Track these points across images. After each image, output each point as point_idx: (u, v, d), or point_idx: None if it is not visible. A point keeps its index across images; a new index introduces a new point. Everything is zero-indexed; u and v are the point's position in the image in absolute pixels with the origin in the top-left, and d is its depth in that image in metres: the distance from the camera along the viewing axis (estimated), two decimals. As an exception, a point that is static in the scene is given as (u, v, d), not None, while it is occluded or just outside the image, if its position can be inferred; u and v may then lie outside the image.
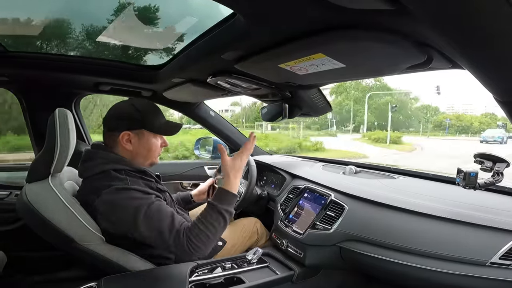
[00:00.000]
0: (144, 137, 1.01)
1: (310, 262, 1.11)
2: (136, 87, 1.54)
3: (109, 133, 1.01)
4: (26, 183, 0.95)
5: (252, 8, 0.62)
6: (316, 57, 0.74)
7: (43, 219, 0.89)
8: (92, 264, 0.95)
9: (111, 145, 1.01)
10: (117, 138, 0.99)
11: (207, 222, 0.88)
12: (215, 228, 0.89)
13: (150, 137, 1.02)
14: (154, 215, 0.89)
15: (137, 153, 1.01)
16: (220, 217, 0.90)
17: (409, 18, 0.50)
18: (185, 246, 0.85)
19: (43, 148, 0.94)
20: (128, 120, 0.99)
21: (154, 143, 1.03)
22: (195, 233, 0.87)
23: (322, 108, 1.34)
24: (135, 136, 1.00)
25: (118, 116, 1.00)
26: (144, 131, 1.00)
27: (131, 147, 1.00)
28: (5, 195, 1.49)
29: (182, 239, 0.86)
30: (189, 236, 0.86)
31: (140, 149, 1.01)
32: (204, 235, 0.87)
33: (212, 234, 0.88)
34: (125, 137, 0.98)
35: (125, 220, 0.89)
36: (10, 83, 1.45)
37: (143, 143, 1.01)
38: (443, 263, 0.83)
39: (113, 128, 0.99)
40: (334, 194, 1.18)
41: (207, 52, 0.96)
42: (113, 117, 1.00)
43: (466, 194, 0.97)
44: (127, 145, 0.99)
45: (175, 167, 1.92)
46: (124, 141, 0.99)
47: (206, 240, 0.87)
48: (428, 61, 0.69)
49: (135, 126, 0.99)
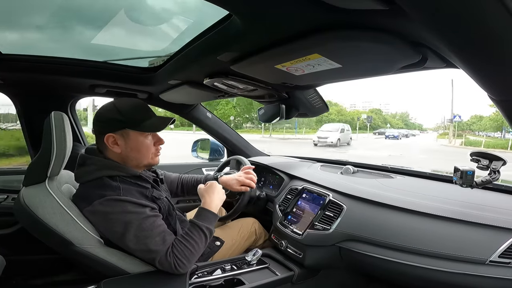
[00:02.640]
0: (130, 137, 0.96)
1: (310, 263, 1.11)
2: (132, 89, 1.53)
3: (98, 137, 0.98)
4: (23, 187, 0.94)
5: (247, 9, 0.62)
6: (312, 57, 0.74)
7: (41, 223, 0.88)
8: (91, 267, 0.94)
9: (102, 149, 0.99)
10: (104, 142, 0.96)
11: (190, 239, 0.93)
12: (197, 244, 0.93)
13: (136, 136, 0.97)
14: (144, 233, 0.89)
15: (127, 156, 0.97)
16: (201, 234, 0.95)
17: (404, 18, 0.50)
18: (172, 265, 0.89)
19: (40, 151, 0.93)
20: (109, 121, 0.95)
21: (143, 142, 0.98)
22: (180, 249, 0.91)
23: (319, 108, 1.34)
24: (120, 138, 0.96)
25: (100, 119, 0.97)
26: (129, 131, 0.96)
27: (119, 150, 0.96)
28: (2, 199, 1.48)
29: (170, 259, 0.89)
30: (175, 253, 0.90)
31: (128, 150, 0.97)
32: (188, 251, 0.91)
33: (195, 250, 0.93)
34: (110, 139, 0.95)
35: (115, 232, 0.89)
36: (5, 87, 1.44)
37: (130, 144, 0.97)
38: (442, 262, 0.83)
39: (98, 131, 0.97)
40: (332, 194, 1.18)
41: (203, 53, 0.96)
42: (96, 120, 0.98)
43: (464, 192, 0.97)
44: (115, 148, 0.96)
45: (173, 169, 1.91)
46: (110, 143, 0.95)
47: (190, 255, 0.91)
48: (423, 60, 0.70)
49: (116, 126, 0.95)
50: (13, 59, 1.21)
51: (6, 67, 1.22)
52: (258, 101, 1.47)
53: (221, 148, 2.03)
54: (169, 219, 1.02)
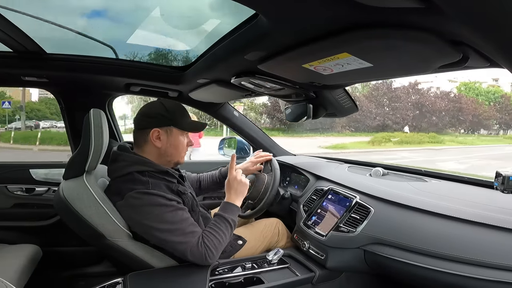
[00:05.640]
0: (173, 134, 1.05)
1: (332, 265, 1.09)
2: (164, 88, 1.59)
3: (139, 132, 1.05)
4: (63, 180, 1.01)
5: (274, 8, 0.61)
6: (341, 56, 0.72)
7: (77, 215, 0.94)
8: (120, 260, 0.99)
9: (141, 143, 1.05)
10: (147, 136, 1.03)
11: (218, 229, 1.00)
12: (224, 234, 1.00)
13: (178, 134, 1.06)
14: (174, 226, 0.94)
15: (165, 151, 1.05)
16: (227, 224, 1.02)
17: (441, 16, 0.47)
18: (203, 255, 0.94)
19: (79, 146, 1.00)
20: (158, 118, 1.03)
21: (181, 141, 1.08)
22: (210, 239, 0.97)
23: (348, 108, 1.31)
24: (164, 133, 1.04)
25: (148, 115, 1.05)
26: (173, 129, 1.05)
27: (160, 144, 1.04)
28: (44, 191, 1.60)
29: (201, 249, 0.94)
30: (206, 242, 0.96)
31: (168, 146, 1.05)
32: (216, 241, 0.97)
33: (222, 239, 0.99)
34: (155, 134, 1.03)
35: (145, 225, 0.94)
36: (50, 85, 1.56)
37: (171, 140, 1.05)
38: (479, 269, 0.78)
39: (144, 126, 1.04)
40: (359, 196, 1.14)
41: (231, 52, 0.97)
42: (144, 116, 1.05)
43: (504, 199, 0.90)
44: (157, 142, 1.03)
45: (199, 167, 1.96)
46: (154, 138, 1.03)
47: (218, 245, 0.98)
48: (464, 60, 0.65)
49: (164, 123, 1.04)
50: (56, 58, 1.31)
51: (51, 66, 1.32)
52: (285, 100, 1.46)
53: (247, 146, 2.05)
54: (192, 214, 1.05)
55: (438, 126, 24.82)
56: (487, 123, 28.34)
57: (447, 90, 26.51)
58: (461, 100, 25.87)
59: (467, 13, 0.38)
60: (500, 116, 29.07)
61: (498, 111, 29.17)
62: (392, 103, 22.69)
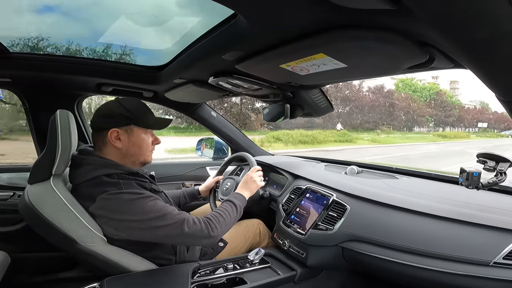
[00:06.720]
0: (134, 133, 1.00)
1: (312, 263, 1.11)
2: (138, 88, 1.54)
3: (97, 133, 1.00)
4: (28, 184, 0.95)
5: (252, 9, 0.62)
6: (318, 57, 0.74)
7: (45, 220, 0.89)
8: (94, 265, 0.95)
9: (100, 145, 1.00)
10: (105, 137, 0.98)
11: (225, 210, 1.05)
12: (229, 213, 1.05)
13: (139, 133, 1.01)
14: (160, 211, 0.91)
15: (127, 151, 1.00)
16: (234, 207, 1.09)
17: (411, 18, 0.50)
18: (203, 224, 0.95)
19: (45, 149, 0.94)
20: (116, 117, 0.98)
21: (144, 139, 1.03)
22: (212, 214, 1.01)
23: (324, 108, 1.34)
24: (124, 133, 0.99)
25: (105, 114, 0.99)
26: (133, 127, 1.00)
27: (120, 145, 0.98)
28: (8, 196, 1.49)
29: (201, 223, 0.96)
30: (207, 216, 0.99)
31: (130, 146, 1.00)
32: (221, 218, 1.01)
33: (226, 217, 1.03)
34: (114, 134, 0.97)
35: (129, 221, 0.89)
36: (13, 85, 1.46)
37: (132, 140, 1.00)
38: (446, 263, 0.83)
39: (101, 127, 0.99)
40: (336, 194, 1.17)
41: (208, 52, 0.96)
42: (100, 116, 0.99)
43: (469, 194, 0.96)
44: (117, 143, 0.98)
45: (177, 168, 1.92)
46: (113, 138, 0.97)
47: (223, 221, 1.01)
48: (430, 61, 0.69)
49: (123, 122, 0.98)
50: (21, 57, 1.22)
51: (14, 65, 1.24)
52: (262, 100, 1.47)
53: (225, 147, 2.04)
54: None
55: (370, 122, 25.67)
56: (421, 120, 29.97)
57: (380, 84, 26.98)
58: (393, 95, 26.64)
59: (435, 14, 0.41)
60: (435, 112, 31.10)
61: (432, 107, 31.21)
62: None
